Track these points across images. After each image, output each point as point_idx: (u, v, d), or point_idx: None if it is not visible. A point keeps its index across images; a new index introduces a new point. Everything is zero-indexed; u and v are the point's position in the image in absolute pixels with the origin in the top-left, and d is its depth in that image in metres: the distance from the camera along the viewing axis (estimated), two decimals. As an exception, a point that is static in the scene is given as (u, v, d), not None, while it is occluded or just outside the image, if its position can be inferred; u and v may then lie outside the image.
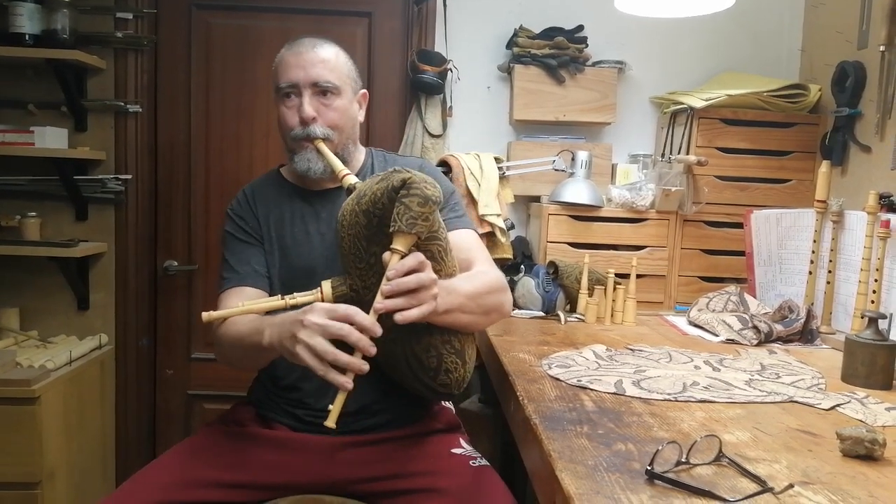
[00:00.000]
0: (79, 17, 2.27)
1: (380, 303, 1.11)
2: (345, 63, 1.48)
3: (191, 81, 2.47)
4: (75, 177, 2.32)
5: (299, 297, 1.24)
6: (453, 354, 1.27)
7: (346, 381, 1.09)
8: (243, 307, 1.27)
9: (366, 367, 1.11)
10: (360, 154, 1.56)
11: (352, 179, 1.34)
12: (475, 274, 1.35)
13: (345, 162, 1.43)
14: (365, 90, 1.55)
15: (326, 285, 1.25)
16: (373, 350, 1.11)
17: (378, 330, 1.11)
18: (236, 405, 1.54)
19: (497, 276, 1.38)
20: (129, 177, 2.39)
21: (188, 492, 1.27)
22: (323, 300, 1.23)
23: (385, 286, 1.12)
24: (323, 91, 1.42)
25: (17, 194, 2.34)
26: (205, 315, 1.26)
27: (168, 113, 2.48)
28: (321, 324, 1.10)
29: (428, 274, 1.13)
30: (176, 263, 2.52)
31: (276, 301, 1.25)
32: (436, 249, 1.21)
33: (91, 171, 2.37)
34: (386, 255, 1.15)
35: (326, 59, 1.44)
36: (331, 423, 1.09)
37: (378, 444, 1.37)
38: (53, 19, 2.19)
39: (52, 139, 2.23)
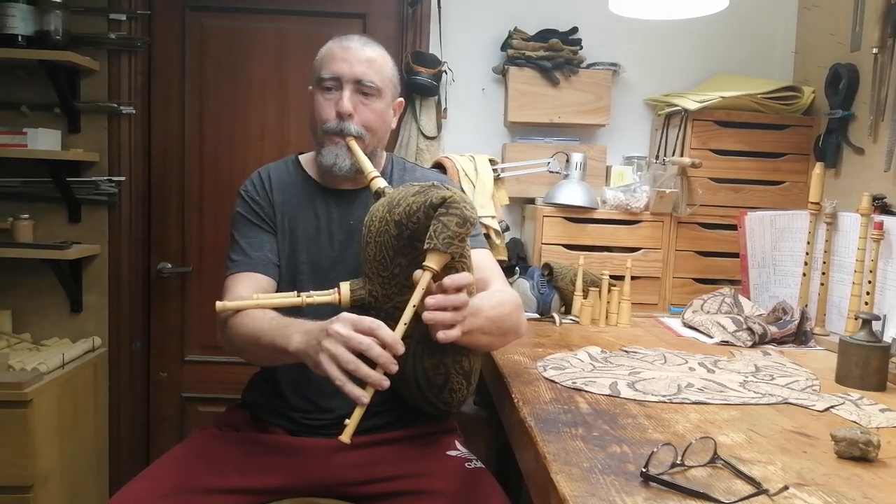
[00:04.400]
0: (72, 18, 2.26)
1: (429, 314, 1.09)
2: (390, 67, 1.47)
3: (185, 83, 2.46)
4: (68, 178, 2.31)
5: (316, 297, 1.22)
6: (461, 375, 1.26)
7: (363, 396, 1.07)
8: (259, 301, 1.25)
9: (386, 382, 1.08)
10: (382, 159, 1.54)
11: (381, 183, 1.32)
12: (493, 293, 1.33)
13: None
14: (402, 99, 1.54)
15: (345, 287, 1.23)
16: (394, 367, 1.08)
17: (401, 348, 1.08)
18: (230, 409, 1.53)
19: (514, 297, 1.37)
20: (123, 178, 2.38)
21: (184, 499, 1.25)
22: (340, 301, 1.22)
23: (431, 299, 1.09)
24: (364, 90, 1.41)
25: (9, 196, 2.33)
26: (219, 304, 1.24)
27: (162, 114, 2.47)
28: (345, 334, 1.08)
29: (463, 296, 1.12)
30: (170, 265, 2.51)
31: (293, 298, 1.23)
32: (461, 268, 1.19)
33: (84, 172, 2.36)
34: (418, 272, 1.12)
35: (373, 58, 1.43)
36: (346, 438, 1.07)
37: (373, 447, 1.36)
38: (46, 20, 2.18)
39: (44, 141, 2.21)
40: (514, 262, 2.23)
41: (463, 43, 2.43)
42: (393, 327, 1.10)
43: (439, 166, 2.21)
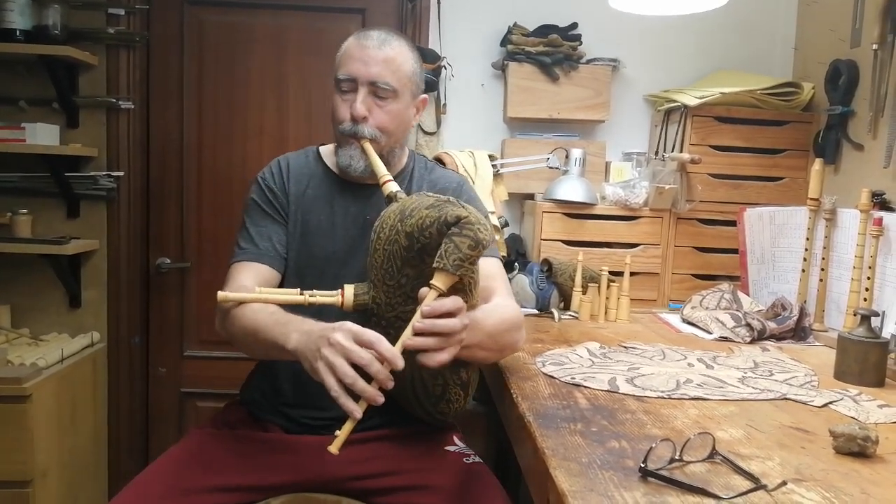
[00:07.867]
0: (70, 13, 2.26)
1: (410, 339, 1.08)
2: (409, 65, 1.42)
3: (183, 78, 2.46)
4: (67, 173, 2.30)
5: (319, 297, 1.21)
6: (458, 386, 1.26)
7: (356, 410, 1.05)
8: (261, 295, 1.23)
9: (381, 398, 1.06)
10: (404, 156, 1.52)
11: (393, 187, 1.30)
12: (496, 309, 1.30)
13: (387, 163, 1.39)
14: (426, 96, 1.51)
15: (349, 290, 1.21)
16: (390, 384, 1.06)
17: (400, 363, 1.06)
18: (227, 406, 1.52)
19: (516, 312, 1.35)
20: (121, 174, 2.38)
21: (183, 499, 1.25)
22: (343, 305, 1.20)
23: (418, 323, 1.08)
24: (380, 93, 1.38)
25: (8, 191, 2.32)
26: (220, 294, 1.23)
27: (160, 109, 2.47)
28: (346, 346, 1.06)
29: (461, 320, 1.10)
30: (168, 261, 2.51)
31: (296, 296, 1.21)
32: (467, 281, 1.17)
33: (83, 167, 2.36)
34: (423, 290, 1.10)
35: (391, 57, 1.38)
36: (334, 449, 1.06)
37: (372, 443, 1.36)
38: (45, 15, 2.17)
39: (43, 136, 2.21)
40: (514, 258, 2.23)
41: (462, 38, 2.43)
42: (393, 337, 1.09)
43: (438, 161, 2.20)
